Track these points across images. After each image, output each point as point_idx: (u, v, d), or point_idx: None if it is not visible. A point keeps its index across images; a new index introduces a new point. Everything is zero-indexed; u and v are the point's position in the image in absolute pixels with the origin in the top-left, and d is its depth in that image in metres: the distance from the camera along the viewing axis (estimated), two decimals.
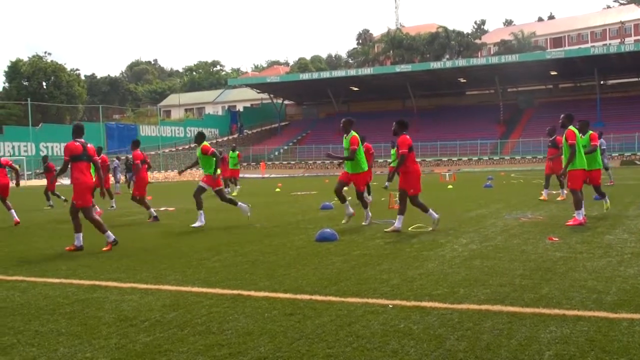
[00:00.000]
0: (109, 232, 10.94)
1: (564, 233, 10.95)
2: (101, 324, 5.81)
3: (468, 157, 66.98)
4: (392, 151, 27.89)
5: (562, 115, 13.04)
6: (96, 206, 17.29)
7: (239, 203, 14.71)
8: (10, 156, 62.40)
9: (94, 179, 11.93)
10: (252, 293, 6.86)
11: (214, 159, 14.33)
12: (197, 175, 53.31)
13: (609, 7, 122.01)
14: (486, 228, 12.16)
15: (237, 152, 29.32)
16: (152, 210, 16.46)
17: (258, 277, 7.83)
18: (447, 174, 40.98)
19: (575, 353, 4.55)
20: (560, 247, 9.39)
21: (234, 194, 26.19)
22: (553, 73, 71.24)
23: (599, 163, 14.12)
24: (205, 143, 14.73)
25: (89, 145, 11.16)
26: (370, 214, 13.59)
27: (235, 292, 6.96)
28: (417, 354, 4.64)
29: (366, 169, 14.02)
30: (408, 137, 12.27)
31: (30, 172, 60.41)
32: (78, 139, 11.08)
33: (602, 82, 71.24)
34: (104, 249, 10.73)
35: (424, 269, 7.99)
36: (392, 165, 27.85)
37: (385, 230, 11.94)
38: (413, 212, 12.73)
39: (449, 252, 9.35)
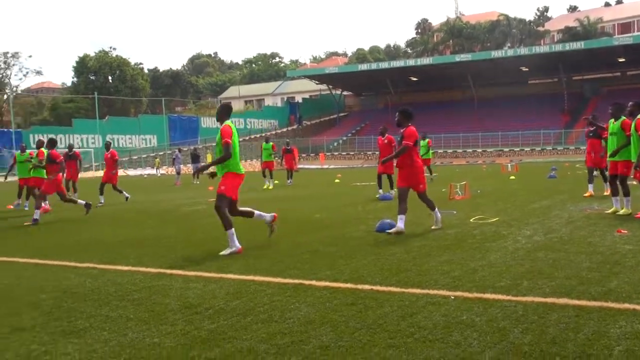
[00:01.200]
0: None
1: (633, 226, 10.65)
2: (167, 310, 5.94)
3: (531, 148, 65.63)
4: (422, 142, 27.65)
5: (625, 104, 12.41)
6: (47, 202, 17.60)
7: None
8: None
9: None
10: (314, 282, 6.90)
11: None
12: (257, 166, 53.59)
13: None
14: (550, 219, 11.93)
15: (272, 143, 28.38)
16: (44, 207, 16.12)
17: (319, 267, 7.86)
18: (509, 164, 40.32)
19: None
20: (629, 240, 9.14)
21: (269, 187, 25.95)
22: (621, 60, 68.96)
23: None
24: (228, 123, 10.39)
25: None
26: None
27: (296, 281, 7.01)
28: (480, 346, 4.60)
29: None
30: (414, 129, 11.36)
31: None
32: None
33: None
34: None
35: (486, 261, 7.90)
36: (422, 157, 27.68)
37: (388, 232, 10.87)
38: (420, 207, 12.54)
39: (512, 243, 9.21)
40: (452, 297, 6.02)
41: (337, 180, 31.47)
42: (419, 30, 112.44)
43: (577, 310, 5.43)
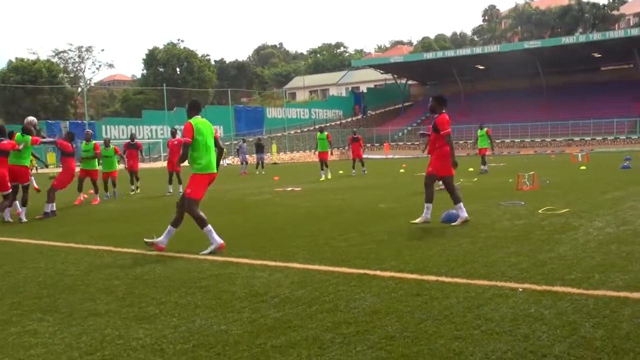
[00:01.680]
0: None
1: None
2: (234, 298, 6.02)
3: (603, 137, 63.81)
4: (480, 132, 27.02)
5: None
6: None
7: None
8: (149, 138, 65.46)
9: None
10: (378, 273, 6.90)
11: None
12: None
13: None
14: (624, 211, 11.60)
15: (326, 133, 27.49)
16: (52, 205, 14.98)
17: (384, 257, 7.85)
18: (579, 154, 39.39)
19: None
20: None
21: (327, 178, 25.63)
22: None
23: None
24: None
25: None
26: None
27: (361, 271, 7.01)
28: (549, 339, 4.52)
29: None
30: (447, 116, 11.23)
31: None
32: None
33: None
34: None
35: (556, 253, 7.75)
36: (480, 147, 27.06)
37: (412, 222, 10.88)
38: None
39: (583, 235, 9.00)
40: (520, 290, 5.93)
41: (401, 170, 31.34)
42: (486, 17, 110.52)
43: None
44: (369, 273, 6.89)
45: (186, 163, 9.38)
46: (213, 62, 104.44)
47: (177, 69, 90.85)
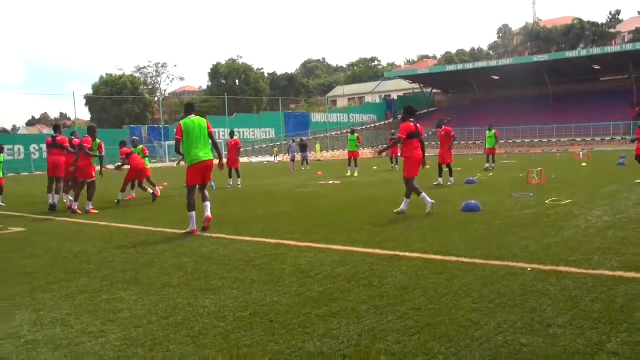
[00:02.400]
0: None
1: None
2: (284, 274, 6.06)
3: (601, 138, 62.44)
4: (488, 133, 26.55)
5: None
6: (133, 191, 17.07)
7: None
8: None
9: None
10: (407, 254, 6.87)
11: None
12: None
13: None
14: (619, 202, 11.36)
15: (357, 134, 26.32)
16: (149, 190, 15.60)
17: (412, 240, 7.81)
18: (581, 152, 38.58)
19: None
20: None
21: (354, 174, 24.85)
22: None
23: None
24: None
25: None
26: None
27: (392, 252, 6.99)
28: (554, 312, 4.46)
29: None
30: (411, 124, 10.98)
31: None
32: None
33: None
34: None
35: (560, 238, 7.63)
36: (487, 147, 26.63)
37: (395, 211, 10.84)
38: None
39: (584, 222, 8.84)
40: (529, 269, 5.86)
41: (427, 166, 31.04)
42: (500, 35, 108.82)
43: None
44: (399, 254, 6.87)
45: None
46: (266, 75, 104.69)
47: (237, 81, 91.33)
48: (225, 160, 13.26)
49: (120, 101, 79.35)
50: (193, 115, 9.67)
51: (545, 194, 13.17)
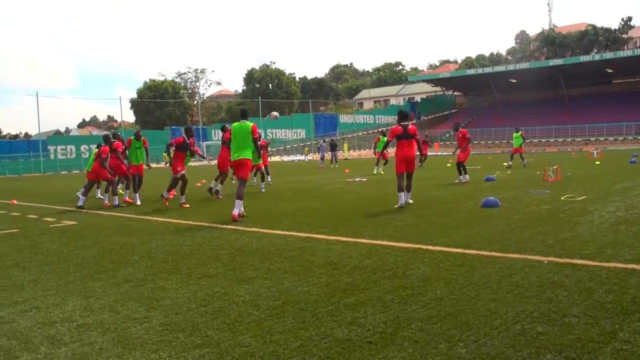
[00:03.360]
0: None
1: None
2: (314, 266, 6.07)
3: (614, 137, 61.33)
4: (515, 135, 25.94)
5: None
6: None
7: None
8: None
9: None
10: (430, 247, 6.83)
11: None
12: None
13: None
14: (632, 198, 11.13)
15: (387, 137, 25.96)
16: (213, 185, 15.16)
17: (434, 234, 7.76)
18: (595, 151, 37.92)
19: None
20: None
21: (380, 172, 24.27)
22: None
23: None
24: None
25: None
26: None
27: (416, 246, 6.96)
28: (569, 302, 4.40)
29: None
30: (399, 127, 11.32)
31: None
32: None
33: None
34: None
35: (575, 232, 7.50)
36: (514, 147, 26.08)
37: (396, 207, 10.92)
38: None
39: (597, 218, 8.68)
40: (545, 262, 5.78)
41: (448, 165, 30.78)
42: (518, 40, 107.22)
43: None
44: (422, 247, 6.83)
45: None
46: (297, 79, 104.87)
47: (270, 85, 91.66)
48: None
49: (162, 104, 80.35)
50: (244, 120, 10.65)
51: (560, 191, 12.96)
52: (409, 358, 3.43)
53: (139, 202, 14.22)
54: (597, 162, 27.44)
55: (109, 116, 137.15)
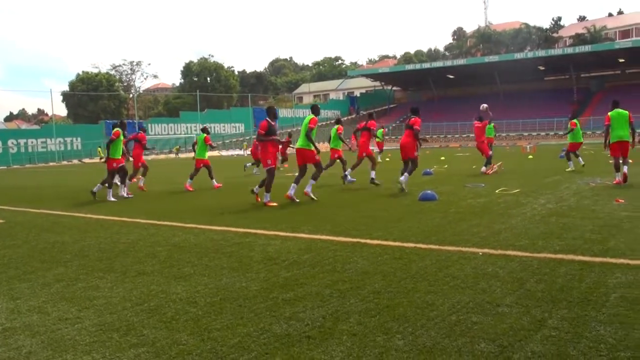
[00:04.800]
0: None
1: (629, 196, 10.29)
2: (252, 261, 6.03)
3: (545, 133, 63.73)
4: (488, 126, 26.61)
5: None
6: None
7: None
8: (185, 134, 65.37)
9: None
10: (368, 241, 6.90)
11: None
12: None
13: None
14: (561, 191, 11.60)
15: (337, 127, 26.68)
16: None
17: (373, 228, 7.85)
18: (528, 146, 39.34)
19: (637, 296, 4.31)
20: (626, 208, 8.85)
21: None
22: (621, 60, 66.32)
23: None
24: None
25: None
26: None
27: (355, 240, 7.02)
28: (502, 292, 4.54)
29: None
30: (364, 122, 14.46)
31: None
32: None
33: None
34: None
35: (509, 224, 7.75)
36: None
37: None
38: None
39: (530, 210, 9.00)
40: (480, 253, 5.95)
41: (387, 159, 31.26)
42: (455, 37, 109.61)
43: (581, 265, 5.31)
44: (360, 241, 6.90)
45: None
46: (236, 73, 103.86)
47: (208, 78, 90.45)
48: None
49: (96, 97, 78.05)
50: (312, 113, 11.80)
51: (495, 184, 13.37)
52: (347, 351, 3.46)
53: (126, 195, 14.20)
54: (530, 157, 28.47)
55: (39, 109, 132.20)
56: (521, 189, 12.26)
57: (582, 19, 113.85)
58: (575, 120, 18.62)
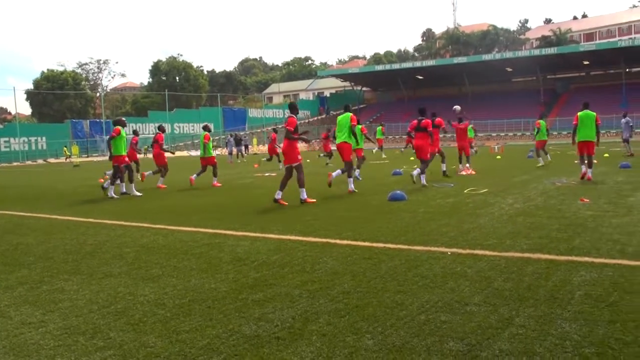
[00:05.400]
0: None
1: (593, 195, 10.51)
2: (222, 262, 5.99)
3: (513, 133, 64.78)
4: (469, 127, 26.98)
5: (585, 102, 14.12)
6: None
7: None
8: (153, 134, 64.55)
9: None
10: (338, 241, 6.91)
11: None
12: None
13: (634, 6, 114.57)
14: (529, 191, 11.79)
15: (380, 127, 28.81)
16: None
17: (342, 228, 7.86)
18: (496, 146, 39.86)
19: (601, 293, 4.40)
20: (590, 207, 9.04)
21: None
22: (586, 62, 67.78)
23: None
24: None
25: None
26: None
27: (324, 240, 7.02)
28: (470, 291, 4.59)
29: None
30: (414, 121, 13.96)
31: (167, 146, 62.10)
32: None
33: (627, 70, 67.22)
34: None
35: (477, 224, 7.85)
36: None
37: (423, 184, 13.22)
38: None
39: (498, 210, 9.13)
40: (449, 253, 6.00)
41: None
42: (424, 38, 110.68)
43: (548, 263, 5.40)
44: (330, 242, 6.90)
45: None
46: (206, 72, 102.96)
47: (177, 78, 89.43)
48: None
49: (62, 96, 76.55)
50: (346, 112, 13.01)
51: (464, 184, 13.53)
52: (317, 352, 3.46)
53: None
54: (498, 157, 28.86)
55: (1, 108, 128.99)
56: (489, 189, 12.42)
57: (548, 21, 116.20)
58: (540, 121, 20.00)
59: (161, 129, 17.81)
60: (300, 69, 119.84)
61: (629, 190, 11.16)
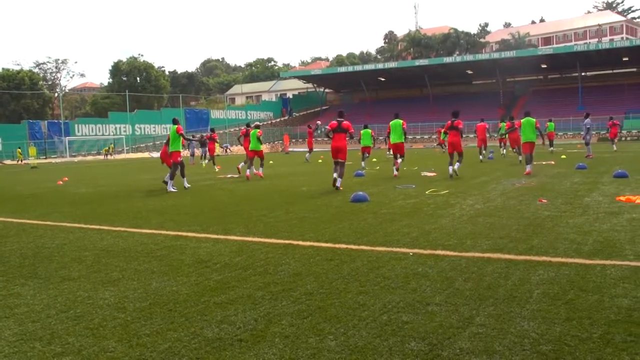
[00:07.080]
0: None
1: (551, 196, 10.75)
2: (183, 265, 5.93)
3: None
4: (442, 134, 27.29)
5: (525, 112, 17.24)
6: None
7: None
8: (114, 135, 63.51)
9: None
10: (300, 243, 6.91)
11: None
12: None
13: (589, 12, 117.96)
14: (488, 192, 11.99)
15: (370, 130, 27.57)
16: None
17: (305, 230, 7.87)
18: None
19: (558, 291, 4.51)
20: (548, 207, 9.24)
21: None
22: (543, 66, 69.35)
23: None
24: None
25: None
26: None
27: (287, 241, 7.01)
28: (432, 291, 4.64)
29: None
30: (449, 121, 16.51)
31: (127, 148, 61.35)
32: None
33: (583, 74, 69.02)
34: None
35: (438, 224, 7.94)
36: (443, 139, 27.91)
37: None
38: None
39: (458, 211, 9.26)
40: (411, 254, 6.05)
41: (320, 161, 31.44)
42: (386, 40, 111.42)
43: (507, 263, 5.50)
44: (292, 243, 6.90)
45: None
46: (167, 73, 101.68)
47: (138, 78, 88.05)
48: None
49: (18, 96, 74.49)
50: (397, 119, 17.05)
51: (425, 185, 13.68)
52: (279, 353, 3.45)
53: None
54: None
55: None
56: (450, 190, 12.58)
57: (507, 25, 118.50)
58: (502, 123, 23.15)
59: (212, 130, 18.95)
60: (262, 70, 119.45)
61: (585, 191, 11.45)
